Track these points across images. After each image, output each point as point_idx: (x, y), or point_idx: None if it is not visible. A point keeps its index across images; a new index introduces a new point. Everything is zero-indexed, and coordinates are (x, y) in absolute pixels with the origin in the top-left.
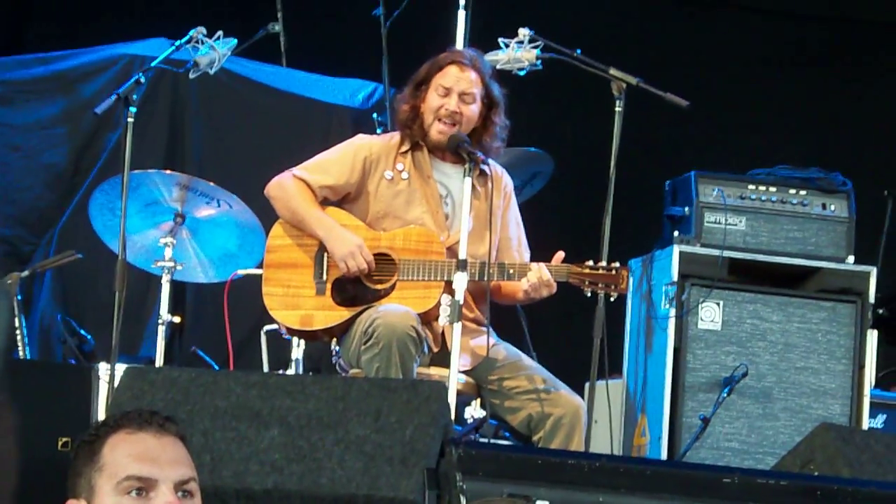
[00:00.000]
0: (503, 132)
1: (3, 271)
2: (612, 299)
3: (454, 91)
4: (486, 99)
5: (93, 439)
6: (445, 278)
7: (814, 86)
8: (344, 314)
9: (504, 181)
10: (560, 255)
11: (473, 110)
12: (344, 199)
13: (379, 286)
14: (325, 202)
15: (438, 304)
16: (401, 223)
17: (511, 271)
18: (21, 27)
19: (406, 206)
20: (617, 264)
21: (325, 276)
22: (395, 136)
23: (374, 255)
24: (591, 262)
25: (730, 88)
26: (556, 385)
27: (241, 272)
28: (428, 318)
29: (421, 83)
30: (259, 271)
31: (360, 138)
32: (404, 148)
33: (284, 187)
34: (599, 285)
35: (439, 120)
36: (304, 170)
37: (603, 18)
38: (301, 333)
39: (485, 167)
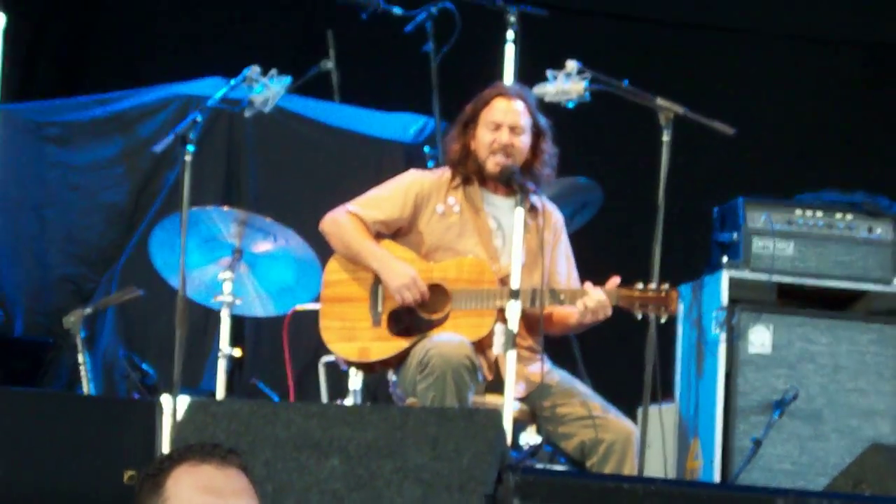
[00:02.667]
0: (552, 160)
1: (67, 309)
2: (662, 321)
3: (504, 125)
4: (534, 128)
5: (156, 472)
6: (498, 306)
7: (860, 110)
8: (400, 345)
9: (555, 217)
10: (615, 280)
11: (524, 142)
12: (397, 232)
13: (433, 316)
14: (378, 236)
15: (492, 333)
16: (452, 255)
17: (563, 297)
18: (79, 69)
19: (457, 239)
20: (666, 286)
21: (380, 308)
22: (447, 172)
23: (428, 286)
24: (640, 285)
25: (776, 115)
26: (609, 411)
27: (300, 307)
28: (482, 346)
29: (468, 121)
30: (316, 306)
31: (412, 174)
32: (455, 182)
33: (339, 223)
34: (649, 307)
35: (493, 153)
36: (357, 205)
37: (647, 48)
38: (359, 365)
39: (535, 201)
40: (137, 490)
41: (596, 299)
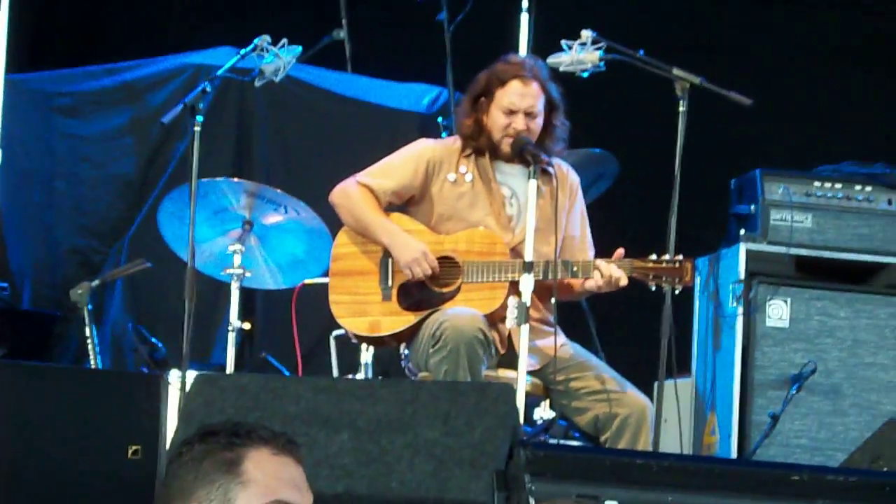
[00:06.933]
0: (564, 132)
1: (75, 281)
2: (676, 292)
3: (520, 110)
4: (547, 105)
5: (228, 448)
6: (510, 278)
7: (880, 80)
8: (411, 319)
9: (570, 179)
10: (620, 252)
11: (539, 123)
12: (408, 202)
13: (444, 289)
14: (389, 207)
15: (504, 305)
16: (464, 225)
17: (575, 269)
18: (89, 39)
19: (469, 209)
20: (680, 257)
21: (390, 282)
22: (458, 140)
23: (439, 258)
24: (654, 256)
25: (793, 84)
26: (623, 385)
27: (309, 281)
28: (494, 319)
29: (480, 95)
30: (325, 280)
31: (423, 142)
32: (467, 151)
33: (349, 194)
34: (664, 279)
35: (508, 137)
36: (368, 175)
37: (663, 17)
38: (369, 340)
39: (549, 167)
40: (192, 458)
41: (608, 274)
